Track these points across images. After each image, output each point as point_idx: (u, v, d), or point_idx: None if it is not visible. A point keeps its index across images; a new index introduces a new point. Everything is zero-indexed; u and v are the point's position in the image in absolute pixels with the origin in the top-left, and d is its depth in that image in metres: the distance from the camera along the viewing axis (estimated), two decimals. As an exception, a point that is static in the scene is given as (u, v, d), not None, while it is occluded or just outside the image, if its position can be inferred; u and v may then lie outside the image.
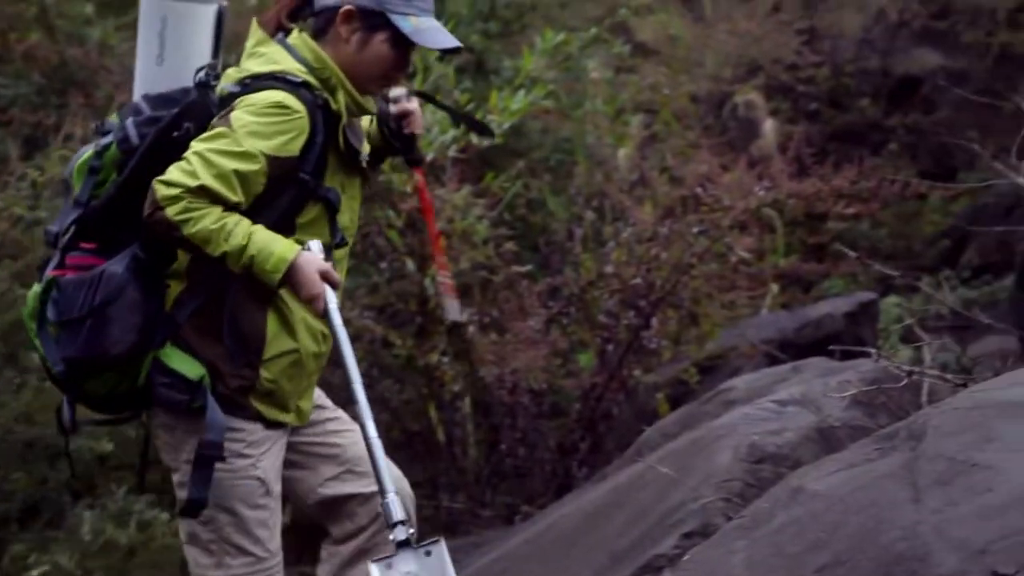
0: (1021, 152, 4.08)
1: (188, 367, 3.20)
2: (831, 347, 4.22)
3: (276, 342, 3.28)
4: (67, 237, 3.27)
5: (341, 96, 3.29)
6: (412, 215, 5.63)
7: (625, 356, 5.72)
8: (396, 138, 3.58)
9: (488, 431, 6.02)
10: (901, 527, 2.26)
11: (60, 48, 6.87)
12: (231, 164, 3.12)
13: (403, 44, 3.32)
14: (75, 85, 6.79)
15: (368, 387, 3.25)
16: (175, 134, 3.20)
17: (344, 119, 3.31)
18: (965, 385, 3.40)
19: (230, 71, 3.29)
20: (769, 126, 9.19)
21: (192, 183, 3.11)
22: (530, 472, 5.89)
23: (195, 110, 3.25)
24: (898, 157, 10.19)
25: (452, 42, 3.39)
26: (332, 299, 3.18)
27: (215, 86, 3.26)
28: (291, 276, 3.13)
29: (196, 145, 3.13)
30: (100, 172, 3.27)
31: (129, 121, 3.26)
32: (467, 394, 5.92)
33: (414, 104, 3.58)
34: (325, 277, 3.15)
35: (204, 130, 3.18)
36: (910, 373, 3.45)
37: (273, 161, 3.15)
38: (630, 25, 9.49)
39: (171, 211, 3.08)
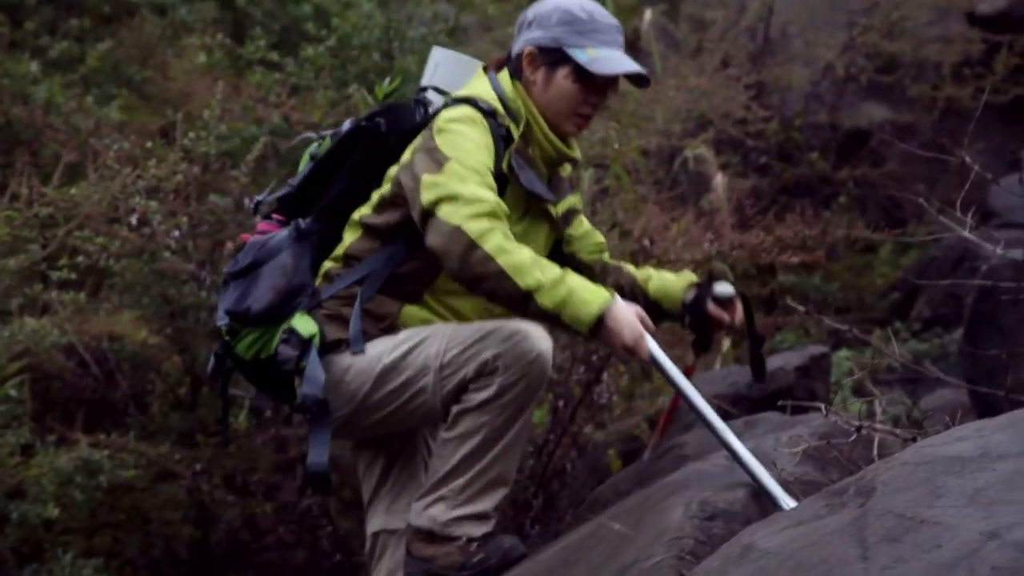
0: (966, 206, 4.12)
1: (304, 326, 3.32)
2: (781, 402, 4.21)
3: (406, 322, 3.41)
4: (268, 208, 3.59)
5: (524, 129, 3.40)
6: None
7: (577, 411, 5.70)
8: (699, 323, 3.61)
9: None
10: (851, 585, 2.25)
11: (5, 107, 6.82)
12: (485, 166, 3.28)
13: (586, 77, 3.39)
14: (21, 144, 6.73)
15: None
16: (364, 123, 3.46)
17: (515, 144, 3.38)
18: (915, 439, 3.40)
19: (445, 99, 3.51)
20: (719, 180, 9.23)
21: (490, 198, 3.18)
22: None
23: (392, 110, 3.53)
24: (848, 210, 10.25)
25: (632, 67, 3.43)
26: (653, 342, 3.14)
27: (428, 103, 3.54)
28: (609, 319, 3.11)
29: (448, 171, 3.22)
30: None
31: (348, 120, 3.57)
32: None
33: (738, 315, 3.62)
34: (643, 321, 3.16)
35: (394, 126, 3.45)
36: (859, 428, 3.45)
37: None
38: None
39: (489, 244, 3.12)
